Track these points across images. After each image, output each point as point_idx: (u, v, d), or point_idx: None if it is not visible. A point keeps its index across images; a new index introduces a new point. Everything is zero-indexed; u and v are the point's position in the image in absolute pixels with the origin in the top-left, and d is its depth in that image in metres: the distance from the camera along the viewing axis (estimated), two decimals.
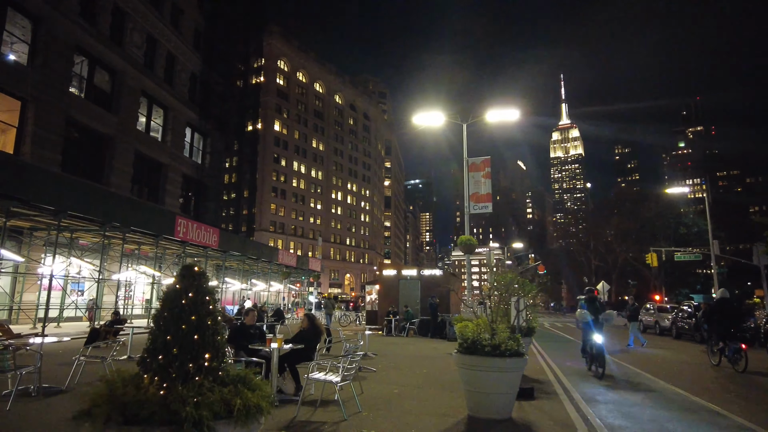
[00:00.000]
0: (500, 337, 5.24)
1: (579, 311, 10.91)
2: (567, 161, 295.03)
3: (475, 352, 5.29)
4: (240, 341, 6.54)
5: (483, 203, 17.59)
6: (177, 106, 32.28)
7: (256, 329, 6.99)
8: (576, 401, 6.96)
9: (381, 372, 9.34)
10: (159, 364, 2.92)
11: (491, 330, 5.28)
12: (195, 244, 24.22)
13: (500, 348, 5.23)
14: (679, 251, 40.17)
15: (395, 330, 19.01)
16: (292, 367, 6.55)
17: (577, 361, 11.82)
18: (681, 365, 12.53)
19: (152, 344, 3.04)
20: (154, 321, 3.18)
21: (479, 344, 5.26)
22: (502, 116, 18.23)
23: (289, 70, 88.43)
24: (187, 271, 3.33)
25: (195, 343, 2.99)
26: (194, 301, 3.11)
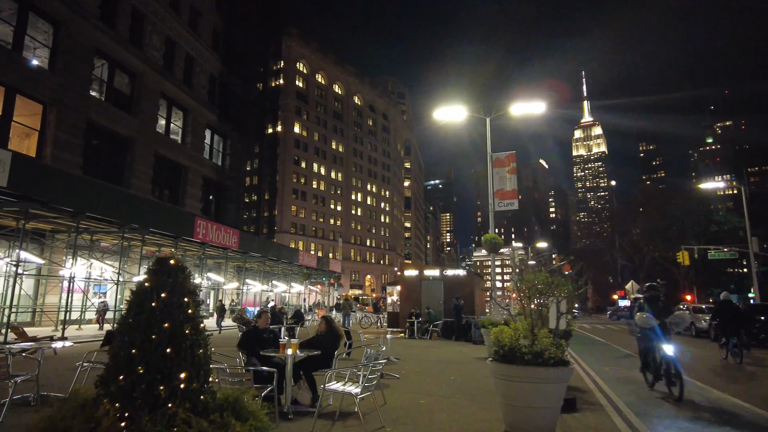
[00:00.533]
0: (542, 343, 4.65)
1: (639, 315, 8.66)
2: (590, 159, 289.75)
3: (513, 361, 4.69)
4: (252, 347, 6.07)
5: (508, 200, 16.87)
6: (196, 108, 32.29)
7: (270, 333, 6.47)
8: (624, 414, 6.29)
9: (405, 379, 8.73)
10: (119, 387, 2.25)
11: (532, 335, 4.68)
12: (215, 245, 24.07)
13: (543, 356, 4.63)
14: (712, 249, 38.56)
15: (418, 332, 18.41)
16: (309, 375, 6.03)
17: (616, 366, 11.12)
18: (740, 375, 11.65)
19: (113, 360, 2.39)
20: (117, 330, 2.53)
21: (518, 352, 4.66)
22: (527, 109, 17.51)
23: (308, 72, 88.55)
24: (161, 264, 2.67)
25: (167, 359, 2.35)
26: (168, 303, 2.48)
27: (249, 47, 39.29)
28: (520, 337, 4.76)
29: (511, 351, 4.71)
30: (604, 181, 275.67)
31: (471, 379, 8.92)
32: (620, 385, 8.69)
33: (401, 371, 9.54)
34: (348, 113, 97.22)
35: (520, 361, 4.63)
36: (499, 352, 4.84)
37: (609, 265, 68.49)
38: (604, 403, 6.96)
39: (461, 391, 7.75)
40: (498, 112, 18.03)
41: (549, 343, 4.66)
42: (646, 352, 8.58)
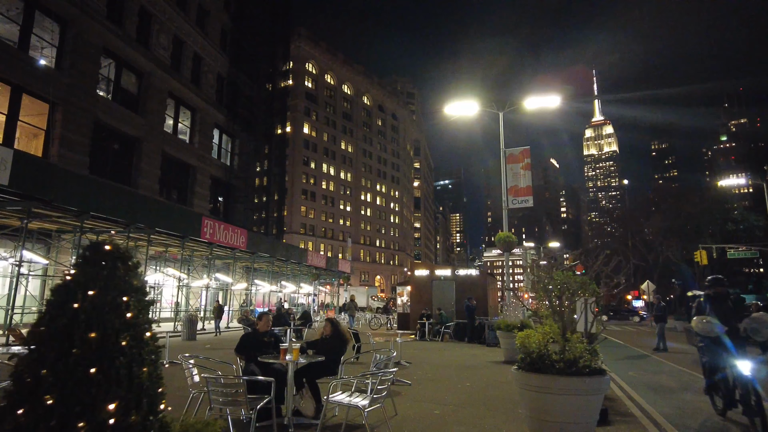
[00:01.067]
0: (575, 349, 4.14)
1: (698, 319, 6.46)
2: (601, 158, 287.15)
3: (542, 370, 4.17)
4: (251, 351, 5.59)
5: (523, 197, 16.32)
6: (204, 108, 32.04)
7: (271, 336, 5.96)
8: (660, 425, 5.74)
9: (417, 386, 8.16)
10: (17, 427, 1.57)
11: (563, 340, 4.16)
12: (222, 245, 23.76)
13: (577, 364, 4.11)
14: (732, 248, 37.55)
15: (429, 334, 17.87)
16: (312, 383, 5.54)
17: (640, 371, 10.51)
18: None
19: (15, 386, 1.72)
20: (29, 341, 1.84)
21: (548, 359, 4.16)
22: (541, 103, 16.94)
23: (317, 73, 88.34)
24: (93, 251, 2.02)
25: (91, 383, 1.71)
26: (98, 304, 1.85)
27: (258, 47, 38.99)
28: (549, 342, 4.24)
29: (540, 358, 4.17)
30: (616, 180, 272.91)
31: (488, 385, 8.37)
32: (651, 393, 8.05)
33: (413, 377, 8.98)
34: (357, 113, 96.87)
35: (550, 370, 4.10)
36: (525, 360, 4.30)
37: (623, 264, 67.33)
38: (638, 415, 6.37)
39: (478, 399, 7.20)
40: (511, 107, 17.46)
41: (583, 349, 4.13)
42: (712, 369, 6.55)
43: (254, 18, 38.33)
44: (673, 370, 10.99)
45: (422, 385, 8.19)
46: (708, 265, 48.35)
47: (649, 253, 61.55)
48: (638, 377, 9.70)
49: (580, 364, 4.12)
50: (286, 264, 31.88)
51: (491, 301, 18.77)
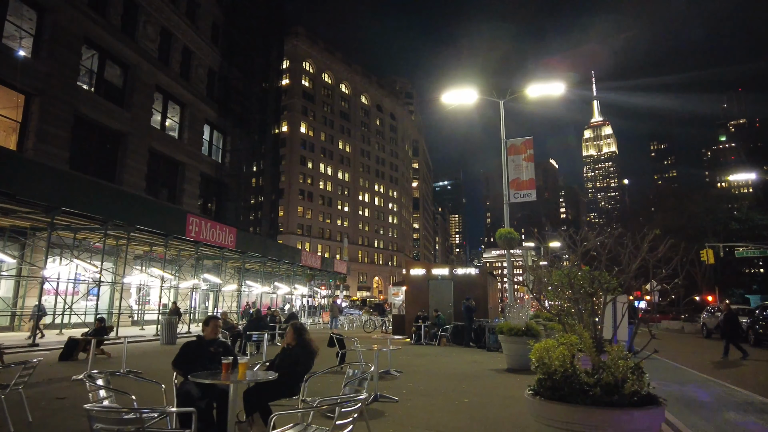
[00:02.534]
0: (618, 369, 3.04)
1: None
2: (600, 159, 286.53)
3: (570, 398, 3.05)
4: (193, 365, 4.41)
5: (525, 190, 15.24)
6: (194, 103, 30.96)
7: (220, 347, 4.81)
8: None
9: (405, 402, 6.93)
10: None
11: (597, 355, 3.06)
12: (210, 244, 22.64)
13: (620, 389, 2.97)
14: (742, 246, 36.48)
15: (425, 338, 16.73)
16: (264, 408, 4.38)
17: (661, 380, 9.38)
18: None
19: None
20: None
21: (576, 383, 3.07)
22: (544, 90, 15.89)
23: (314, 72, 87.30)
24: None
25: None
26: None
27: (251, 42, 37.91)
28: (577, 357, 3.15)
29: (567, 381, 3.08)
30: (615, 181, 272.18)
31: (491, 401, 7.15)
32: (684, 408, 6.83)
33: (402, 390, 7.78)
34: (355, 113, 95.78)
35: (582, 399, 2.98)
36: (545, 383, 3.19)
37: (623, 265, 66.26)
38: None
39: (481, 421, 5.91)
40: (513, 95, 16.43)
41: (627, 368, 3.01)
42: None
43: (248, 12, 37.24)
44: (701, 379, 9.89)
45: (412, 402, 6.99)
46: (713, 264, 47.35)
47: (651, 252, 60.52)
48: (663, 389, 8.50)
49: (625, 390, 2.97)
50: (278, 264, 30.75)
51: (492, 302, 17.68)
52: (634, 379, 2.99)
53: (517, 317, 10.94)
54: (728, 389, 8.68)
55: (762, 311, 19.67)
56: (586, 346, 3.20)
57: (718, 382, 9.46)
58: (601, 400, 3.01)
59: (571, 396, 3.09)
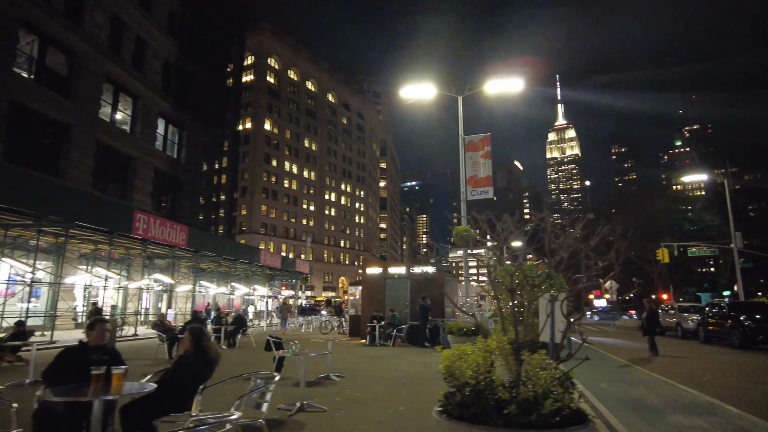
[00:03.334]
0: (537, 379, 2.61)
1: None
2: (563, 162, 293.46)
3: (482, 418, 2.53)
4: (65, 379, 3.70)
5: (482, 187, 15.01)
6: (148, 95, 29.60)
7: (104, 354, 4.18)
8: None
9: (334, 412, 6.32)
10: None
11: (516, 364, 2.61)
12: (159, 242, 21.57)
13: (539, 407, 2.48)
14: (693, 246, 37.62)
15: (380, 338, 16.27)
16: (147, 427, 3.78)
17: (613, 381, 9.20)
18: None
19: None
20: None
21: (492, 398, 2.56)
22: (503, 87, 15.71)
23: (280, 68, 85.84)
24: None
25: None
26: None
27: (212, 35, 36.68)
28: (495, 366, 2.69)
29: (478, 397, 2.60)
30: (578, 183, 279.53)
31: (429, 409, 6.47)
32: (630, 412, 6.57)
33: (335, 398, 7.22)
34: (321, 111, 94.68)
35: (495, 419, 2.49)
36: (453, 398, 2.70)
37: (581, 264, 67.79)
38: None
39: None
40: (471, 91, 16.18)
41: (549, 378, 2.56)
42: None
43: (208, 3, 35.97)
44: (650, 379, 9.75)
45: (342, 412, 6.39)
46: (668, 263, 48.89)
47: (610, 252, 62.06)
48: (612, 390, 8.29)
49: (545, 408, 2.47)
50: (235, 264, 29.74)
51: (449, 301, 17.36)
52: (559, 392, 2.54)
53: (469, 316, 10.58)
54: (676, 389, 8.53)
55: (711, 309, 20.09)
56: (503, 353, 2.76)
57: (668, 382, 9.33)
58: (516, 421, 2.51)
59: (483, 415, 2.58)
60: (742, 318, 17.31)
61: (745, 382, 9.76)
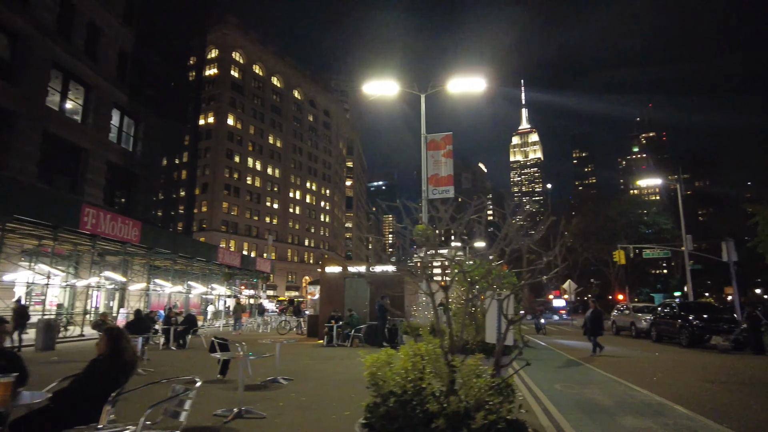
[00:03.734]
0: (470, 391, 2.32)
1: None
2: (526, 165, 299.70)
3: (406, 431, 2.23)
4: None
5: (444, 186, 14.89)
6: (101, 85, 28.24)
7: (2, 359, 3.67)
8: None
9: (274, 418, 5.94)
10: None
11: (448, 369, 2.34)
12: (109, 238, 20.56)
13: (469, 420, 2.17)
14: (648, 248, 38.87)
15: (337, 339, 15.93)
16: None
17: (568, 382, 9.16)
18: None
19: None
20: None
21: (420, 409, 2.27)
22: (465, 86, 15.67)
23: (245, 63, 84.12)
24: None
25: None
26: None
27: (172, 25, 35.41)
28: (428, 373, 2.41)
29: (405, 408, 2.29)
30: (540, 186, 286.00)
31: None
32: (582, 414, 6.50)
33: (279, 403, 6.82)
34: (287, 107, 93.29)
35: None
36: (378, 409, 2.43)
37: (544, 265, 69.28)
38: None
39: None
40: (434, 89, 16.09)
41: (484, 387, 2.28)
42: None
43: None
44: (603, 380, 9.79)
45: (283, 418, 5.99)
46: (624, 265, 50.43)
47: (570, 254, 63.61)
48: (565, 391, 8.24)
49: (477, 422, 2.15)
50: (191, 262, 28.76)
51: (409, 300, 17.18)
52: (495, 402, 2.28)
53: (424, 315, 10.41)
54: (629, 389, 8.58)
55: (663, 309, 20.67)
56: (431, 359, 2.49)
57: (620, 382, 9.40)
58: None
59: (409, 429, 2.27)
60: (691, 318, 17.86)
61: (693, 381, 9.95)
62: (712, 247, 43.17)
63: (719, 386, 9.35)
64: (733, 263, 26.12)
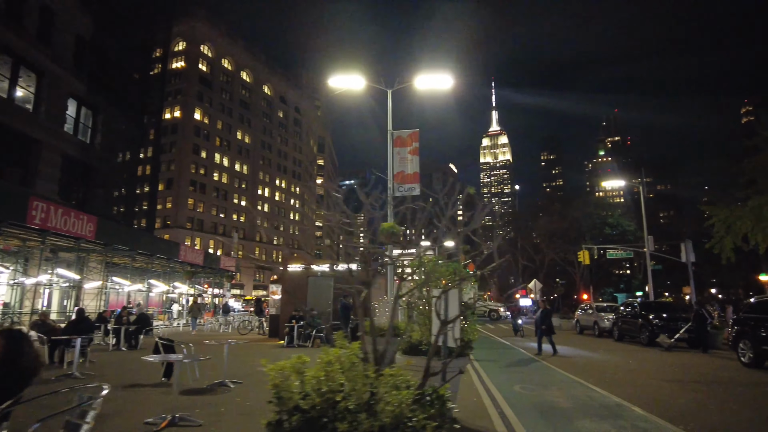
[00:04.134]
0: (386, 407, 1.95)
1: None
2: (496, 166, 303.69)
3: None
4: None
5: (409, 184, 14.68)
6: (56, 72, 26.90)
7: None
8: None
9: (210, 426, 5.54)
10: None
11: (363, 379, 2.00)
12: (61, 233, 19.54)
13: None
14: (611, 249, 39.73)
15: (298, 339, 15.50)
16: None
17: (528, 383, 9.02)
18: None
19: None
20: None
21: (329, 428, 1.92)
22: (432, 82, 15.51)
23: (213, 56, 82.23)
24: None
25: None
26: None
27: (135, 13, 34.16)
28: (337, 383, 2.07)
29: (311, 427, 1.95)
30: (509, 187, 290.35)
31: None
32: (539, 418, 6.31)
33: (221, 408, 6.41)
34: (256, 103, 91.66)
35: None
36: (279, 427, 2.05)
37: (511, 265, 70.17)
38: None
39: None
40: (401, 84, 15.87)
41: (407, 400, 1.93)
42: None
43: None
44: (564, 380, 9.71)
45: (220, 425, 5.57)
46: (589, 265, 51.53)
47: (536, 254, 64.65)
48: (524, 393, 8.06)
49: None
50: (151, 259, 27.75)
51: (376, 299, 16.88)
52: (420, 420, 1.97)
53: (385, 314, 10.14)
54: (588, 390, 8.50)
55: (625, 308, 21.00)
56: (343, 366, 2.18)
57: (581, 382, 9.34)
58: None
59: None
60: (651, 317, 18.17)
61: (652, 381, 9.98)
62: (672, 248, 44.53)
63: (677, 385, 9.39)
64: (691, 263, 26.85)
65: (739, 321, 13.20)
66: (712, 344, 16.86)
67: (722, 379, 10.40)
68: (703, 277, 57.32)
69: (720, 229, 21.56)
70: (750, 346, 12.20)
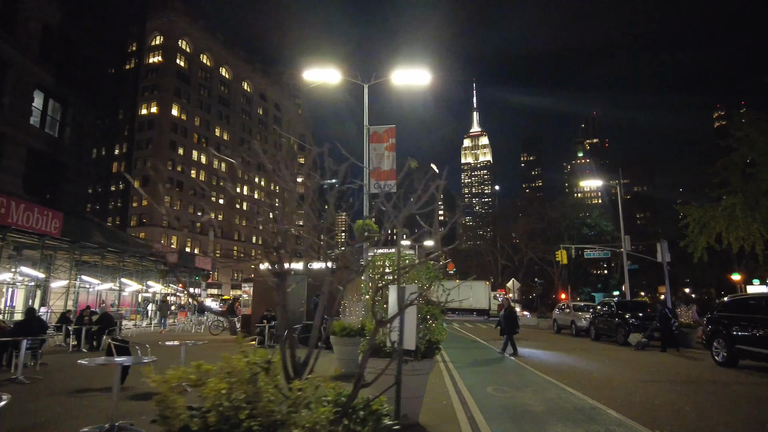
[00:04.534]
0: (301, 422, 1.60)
1: None
2: (476, 167, 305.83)
3: None
4: None
5: (386, 180, 14.34)
6: (20, 62, 25.86)
7: None
8: None
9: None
10: None
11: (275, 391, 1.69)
12: (23, 230, 18.71)
13: None
14: (589, 248, 40.07)
15: (269, 339, 15.07)
16: None
17: (501, 385, 8.76)
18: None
19: None
20: None
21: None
22: (409, 78, 15.24)
23: (191, 52, 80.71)
24: None
25: None
26: None
27: (108, 2, 33.11)
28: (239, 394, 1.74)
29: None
30: (489, 188, 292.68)
31: None
32: (510, 423, 6.02)
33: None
34: (235, 99, 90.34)
35: None
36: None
37: (491, 264, 70.55)
38: None
39: None
40: (378, 79, 15.55)
41: (323, 422, 1.58)
42: None
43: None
44: (539, 381, 9.49)
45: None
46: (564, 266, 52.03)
47: (516, 253, 65.15)
48: (497, 395, 7.78)
49: None
50: (123, 257, 26.90)
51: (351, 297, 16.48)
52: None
53: (357, 314, 9.81)
54: (563, 392, 8.27)
55: (602, 308, 21.04)
56: (239, 378, 1.85)
57: (556, 384, 9.12)
58: None
59: None
60: (627, 316, 18.20)
61: (627, 381, 9.85)
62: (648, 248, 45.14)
63: (652, 386, 9.26)
64: (666, 263, 27.10)
65: (713, 320, 13.20)
66: (684, 343, 16.95)
67: (697, 378, 10.33)
68: (678, 276, 58.40)
69: (694, 228, 21.79)
70: (724, 345, 12.21)
